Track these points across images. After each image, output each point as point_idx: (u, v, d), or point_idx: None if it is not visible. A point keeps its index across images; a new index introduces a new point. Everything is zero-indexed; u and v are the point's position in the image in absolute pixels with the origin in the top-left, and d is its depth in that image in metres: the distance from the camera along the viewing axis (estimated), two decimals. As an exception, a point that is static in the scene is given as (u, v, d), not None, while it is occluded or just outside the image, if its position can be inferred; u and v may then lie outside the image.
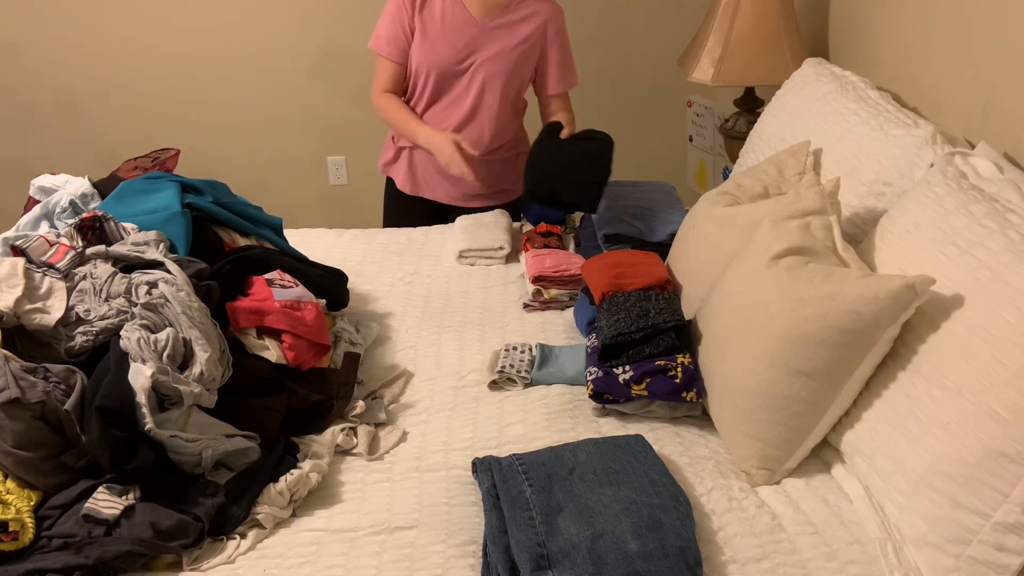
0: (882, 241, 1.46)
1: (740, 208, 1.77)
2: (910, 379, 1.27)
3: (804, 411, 1.37)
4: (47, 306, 1.56)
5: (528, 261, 2.09)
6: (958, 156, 1.45)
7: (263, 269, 1.75)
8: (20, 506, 1.27)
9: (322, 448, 1.47)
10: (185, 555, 1.27)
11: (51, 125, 3.58)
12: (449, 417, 1.61)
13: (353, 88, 3.52)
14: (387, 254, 2.31)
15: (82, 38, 3.44)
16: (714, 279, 1.65)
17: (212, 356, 1.46)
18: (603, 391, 1.55)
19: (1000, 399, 1.09)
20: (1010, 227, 1.23)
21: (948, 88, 1.79)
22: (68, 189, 2.00)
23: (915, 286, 1.23)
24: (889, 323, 1.27)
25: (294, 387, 1.57)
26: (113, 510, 1.28)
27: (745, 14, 2.35)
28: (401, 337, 1.90)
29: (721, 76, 2.40)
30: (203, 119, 3.60)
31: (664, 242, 2.07)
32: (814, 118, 1.95)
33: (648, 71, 3.56)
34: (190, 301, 1.52)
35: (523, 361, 1.72)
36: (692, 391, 1.52)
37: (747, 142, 2.27)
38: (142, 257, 1.65)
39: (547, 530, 1.23)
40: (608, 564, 1.16)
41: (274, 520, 1.35)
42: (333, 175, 3.74)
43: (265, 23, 3.46)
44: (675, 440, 1.51)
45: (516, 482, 1.33)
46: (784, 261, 1.42)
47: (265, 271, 1.74)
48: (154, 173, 2.00)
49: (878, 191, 1.64)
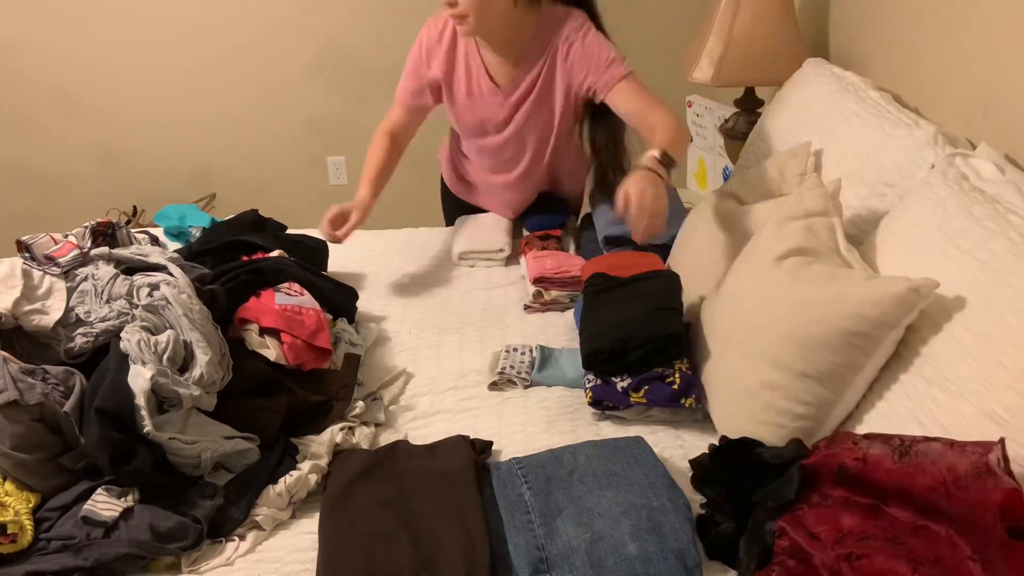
0: (883, 243, 1.46)
1: (741, 209, 1.76)
2: (912, 381, 1.26)
3: (807, 414, 1.36)
4: (46, 306, 1.56)
5: (529, 263, 2.09)
6: (959, 157, 1.45)
7: (276, 280, 1.76)
8: (19, 508, 1.27)
9: (321, 449, 1.47)
10: (184, 557, 1.27)
11: (51, 125, 3.58)
12: (449, 418, 1.61)
13: (353, 88, 3.52)
14: (388, 255, 2.30)
15: (82, 38, 3.44)
16: (715, 280, 1.64)
17: (212, 359, 1.46)
18: (602, 399, 1.55)
19: (1001, 401, 1.09)
20: (1011, 229, 1.23)
21: (949, 88, 1.79)
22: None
23: (919, 289, 1.23)
24: (893, 326, 1.27)
25: (294, 388, 1.57)
26: (112, 512, 1.28)
27: (745, 14, 2.35)
28: (401, 338, 1.90)
29: (721, 76, 2.40)
30: (203, 119, 3.60)
31: (665, 243, 2.06)
32: (814, 119, 1.95)
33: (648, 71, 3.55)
34: (191, 304, 1.52)
35: (523, 363, 1.72)
36: (691, 397, 1.52)
37: (747, 142, 2.27)
38: (145, 260, 1.65)
39: (546, 533, 1.23)
40: (607, 567, 1.15)
41: (273, 522, 1.35)
42: (333, 175, 3.74)
43: (265, 23, 3.46)
44: (675, 443, 1.50)
45: (515, 485, 1.32)
46: (787, 262, 1.41)
47: (277, 283, 1.75)
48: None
49: (879, 192, 1.64)
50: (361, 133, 3.57)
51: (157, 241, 2.13)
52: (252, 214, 2.17)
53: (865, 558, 1.01)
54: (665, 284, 1.70)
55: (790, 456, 1.24)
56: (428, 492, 1.32)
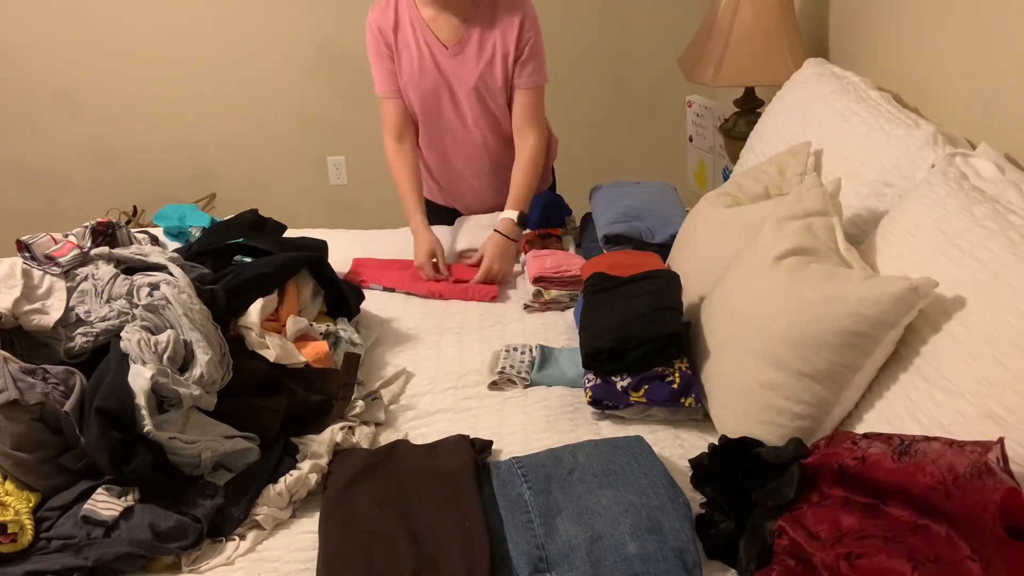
0: (883, 242, 1.46)
1: (741, 209, 1.76)
2: (911, 381, 1.26)
3: (806, 413, 1.36)
4: (46, 306, 1.56)
5: (528, 262, 2.09)
6: (959, 157, 1.45)
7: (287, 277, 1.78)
8: (19, 508, 1.27)
9: (321, 448, 1.47)
10: (184, 556, 1.27)
11: (51, 125, 3.58)
12: (449, 418, 1.61)
13: (353, 88, 3.52)
14: (388, 255, 2.30)
15: (82, 38, 3.44)
16: (715, 280, 1.64)
17: (212, 359, 1.46)
18: (601, 398, 1.55)
19: (1001, 401, 1.09)
20: (1011, 228, 1.23)
21: (949, 88, 1.79)
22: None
23: (918, 288, 1.23)
24: (892, 326, 1.27)
25: (293, 387, 1.57)
26: (112, 511, 1.28)
27: (745, 14, 2.35)
28: (401, 338, 1.90)
29: (721, 76, 2.40)
30: (203, 119, 3.60)
31: (665, 243, 2.06)
32: (815, 118, 1.95)
33: (648, 71, 3.56)
34: (192, 303, 1.52)
35: (523, 362, 1.72)
36: (690, 396, 1.52)
37: (747, 142, 2.27)
38: (145, 259, 1.65)
39: (546, 532, 1.23)
40: (607, 566, 1.15)
41: (273, 521, 1.35)
42: (333, 175, 3.74)
43: (265, 23, 3.46)
44: (675, 442, 1.50)
45: (515, 485, 1.32)
46: (786, 262, 1.41)
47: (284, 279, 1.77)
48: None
49: (879, 192, 1.64)
50: (361, 133, 3.60)
51: (157, 241, 2.13)
52: (252, 214, 2.17)
53: (865, 557, 1.01)
54: (665, 284, 1.70)
55: (790, 456, 1.24)
56: (428, 491, 1.32)
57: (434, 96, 2.21)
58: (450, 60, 2.16)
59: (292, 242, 2.06)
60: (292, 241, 2.07)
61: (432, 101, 2.22)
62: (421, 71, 2.18)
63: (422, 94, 2.21)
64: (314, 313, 1.84)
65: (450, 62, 2.16)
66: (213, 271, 1.73)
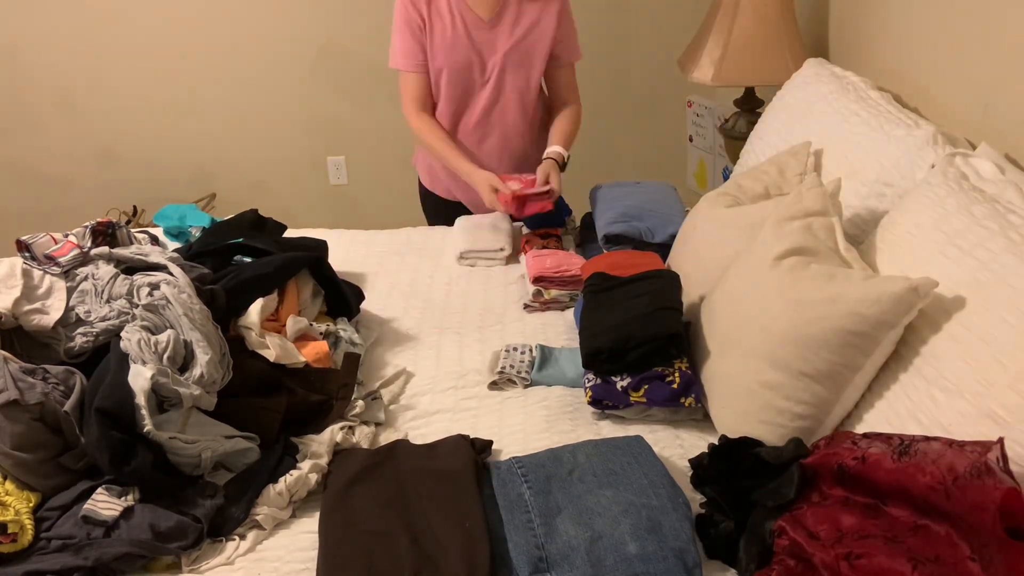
0: (883, 242, 1.46)
1: (741, 209, 1.76)
2: (911, 381, 1.26)
3: (806, 413, 1.37)
4: (46, 306, 1.56)
5: (529, 262, 2.09)
6: (959, 157, 1.45)
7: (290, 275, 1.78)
8: (19, 507, 1.27)
9: (321, 448, 1.47)
10: (184, 556, 1.27)
11: (51, 125, 3.58)
12: (449, 418, 1.61)
13: (353, 88, 3.52)
14: (387, 255, 2.31)
15: (82, 38, 3.44)
16: (715, 280, 1.64)
17: (213, 358, 1.46)
18: (601, 398, 1.55)
19: (1001, 401, 1.09)
20: (1011, 228, 1.23)
21: (949, 88, 1.79)
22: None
23: (918, 288, 1.23)
24: (892, 326, 1.27)
25: (294, 387, 1.57)
26: (112, 511, 1.28)
27: (745, 14, 2.35)
28: (401, 338, 1.90)
29: (721, 76, 2.40)
30: (203, 119, 3.60)
31: (665, 243, 2.06)
32: (815, 118, 1.95)
33: (648, 71, 3.56)
34: (192, 303, 1.52)
35: (523, 362, 1.72)
36: (690, 396, 1.52)
37: (747, 142, 2.27)
38: (145, 259, 1.65)
39: (546, 532, 1.23)
40: (607, 566, 1.15)
41: (273, 521, 1.35)
42: (333, 175, 3.74)
43: (265, 23, 3.46)
44: (675, 442, 1.50)
45: (515, 484, 1.32)
46: (786, 262, 1.41)
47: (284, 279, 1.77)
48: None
49: (879, 192, 1.64)
50: (361, 133, 3.60)
51: (157, 241, 2.13)
52: (252, 214, 2.17)
53: (865, 557, 1.01)
54: (665, 284, 1.70)
55: (789, 455, 1.24)
56: (428, 491, 1.32)
57: (466, 69, 2.24)
58: (485, 32, 2.19)
59: (292, 242, 2.06)
60: (292, 241, 2.07)
61: (463, 73, 2.25)
62: (454, 43, 2.20)
63: (451, 66, 2.23)
64: (314, 313, 1.84)
65: (485, 35, 2.20)
66: (213, 271, 1.73)
